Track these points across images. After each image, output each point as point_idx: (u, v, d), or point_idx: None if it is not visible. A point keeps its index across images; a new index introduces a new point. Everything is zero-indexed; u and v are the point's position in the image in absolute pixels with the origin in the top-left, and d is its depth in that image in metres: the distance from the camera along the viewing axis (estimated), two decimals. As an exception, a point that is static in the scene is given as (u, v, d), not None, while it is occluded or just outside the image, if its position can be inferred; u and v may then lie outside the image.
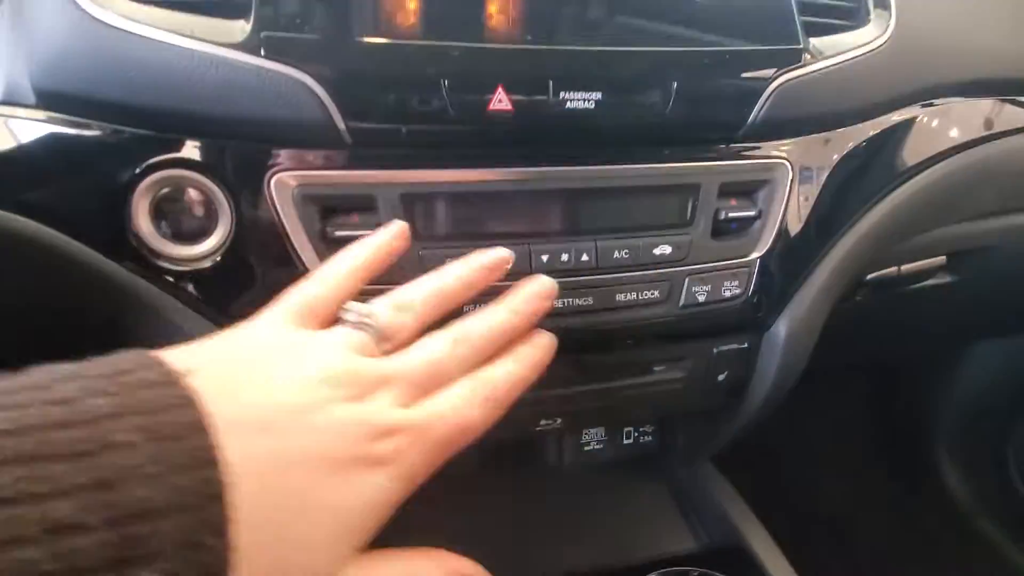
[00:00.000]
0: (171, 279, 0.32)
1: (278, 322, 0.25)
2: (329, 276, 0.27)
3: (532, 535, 0.53)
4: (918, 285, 0.65)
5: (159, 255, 0.32)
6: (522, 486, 0.57)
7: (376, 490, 0.22)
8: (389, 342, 0.25)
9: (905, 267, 0.60)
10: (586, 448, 0.55)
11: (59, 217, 0.31)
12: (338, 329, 0.25)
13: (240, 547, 0.16)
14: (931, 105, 0.48)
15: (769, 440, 0.56)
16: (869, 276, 0.58)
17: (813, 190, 0.42)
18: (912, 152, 0.47)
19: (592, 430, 0.55)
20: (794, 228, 0.42)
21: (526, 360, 0.28)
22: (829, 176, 0.43)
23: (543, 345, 0.29)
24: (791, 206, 0.41)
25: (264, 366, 0.22)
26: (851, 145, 0.43)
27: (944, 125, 0.49)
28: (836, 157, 0.43)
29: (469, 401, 0.25)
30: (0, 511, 0.13)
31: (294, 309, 0.25)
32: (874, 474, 1.16)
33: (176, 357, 0.19)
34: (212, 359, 0.21)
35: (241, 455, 0.17)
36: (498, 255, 0.30)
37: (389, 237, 0.30)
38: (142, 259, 0.32)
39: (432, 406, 0.24)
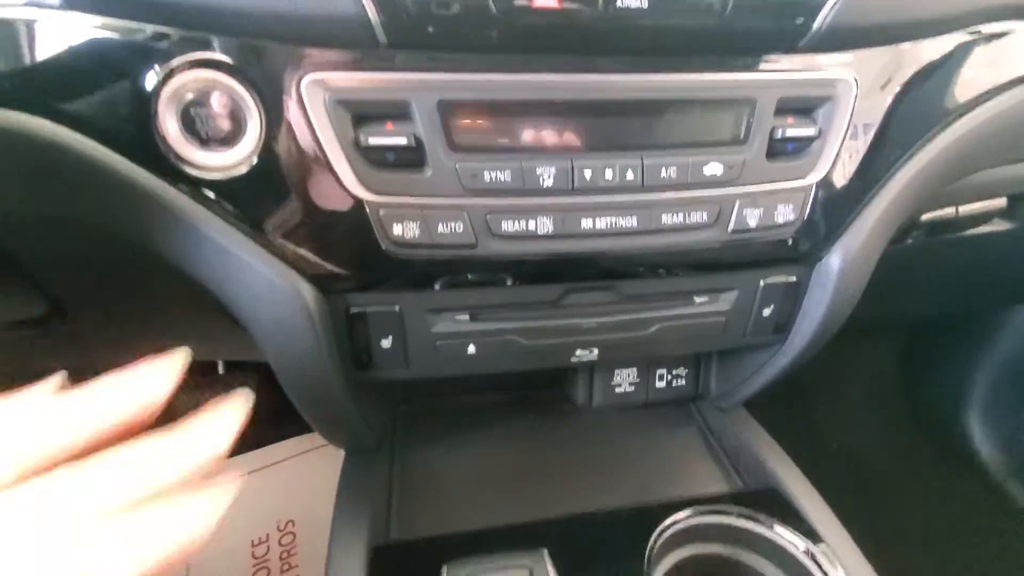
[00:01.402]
0: (201, 188, 0.31)
1: None
2: None
3: (562, 474, 0.52)
4: (974, 231, 0.61)
5: (187, 162, 0.31)
6: (553, 428, 0.57)
7: None
8: None
9: (963, 208, 0.56)
10: (618, 390, 0.54)
11: (88, 123, 0.30)
12: None
13: None
14: (1010, 22, 0.43)
15: (799, 400, 0.55)
16: (925, 216, 0.55)
17: (877, 110, 0.39)
18: (986, 74, 0.43)
19: (624, 371, 0.54)
20: (855, 151, 0.38)
21: None
22: (895, 96, 0.39)
23: None
24: (853, 127, 0.38)
25: None
26: (920, 63, 0.40)
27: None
28: (903, 75, 0.39)
29: None
30: None
31: None
32: (905, 439, 1.14)
33: None
34: None
35: None
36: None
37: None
38: (171, 166, 0.31)
39: None
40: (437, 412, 0.58)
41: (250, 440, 0.90)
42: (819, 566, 0.42)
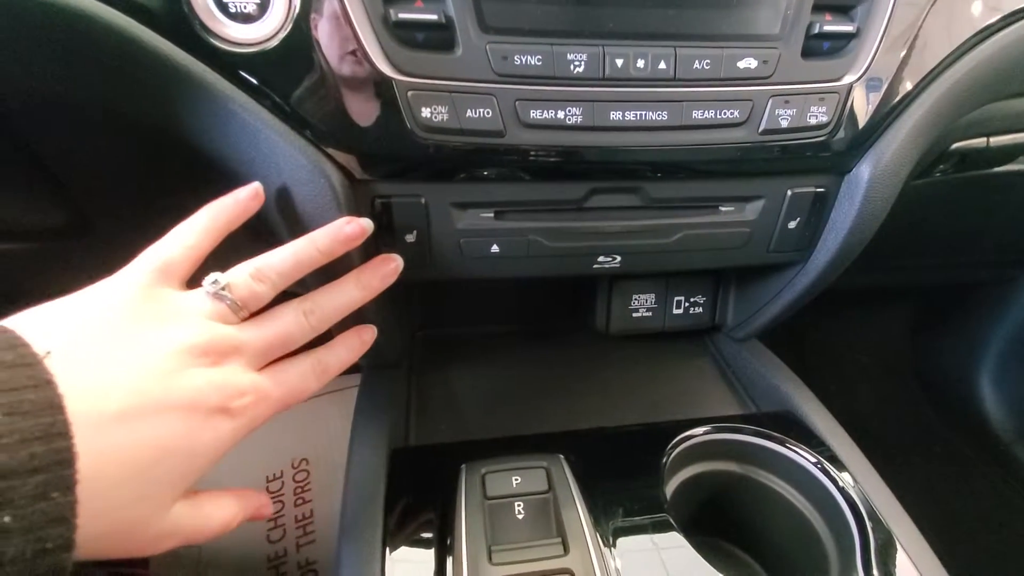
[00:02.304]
0: (229, 63, 0.31)
1: (139, 284, 0.27)
2: (185, 237, 0.30)
3: (577, 394, 0.53)
4: (1005, 168, 0.60)
5: (215, 35, 0.30)
6: (569, 354, 0.57)
7: (224, 435, 0.27)
8: (245, 310, 0.29)
9: (995, 140, 0.55)
10: (635, 315, 0.54)
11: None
12: (198, 295, 0.29)
13: (83, 500, 0.20)
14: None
15: (804, 364, 0.54)
16: (955, 145, 0.53)
17: (917, 12, 0.37)
18: (1032, -15, 0.41)
19: (642, 296, 0.54)
20: (892, 54, 0.37)
21: (354, 350, 0.35)
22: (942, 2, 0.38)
23: (366, 340, 0.36)
24: (892, 27, 0.37)
25: (128, 333, 0.25)
26: (966, -36, 0.38)
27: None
28: (947, -21, 0.38)
29: (307, 376, 0.31)
30: None
31: (153, 269, 0.28)
32: (912, 404, 1.14)
33: (39, 333, 0.22)
34: (71, 333, 0.24)
35: (93, 422, 0.22)
36: (359, 227, 0.33)
37: (244, 197, 0.32)
38: (199, 40, 0.30)
39: (278, 376, 0.30)
40: (454, 339, 0.59)
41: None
42: (832, 480, 0.42)
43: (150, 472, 0.24)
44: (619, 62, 0.33)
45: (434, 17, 0.31)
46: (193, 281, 0.30)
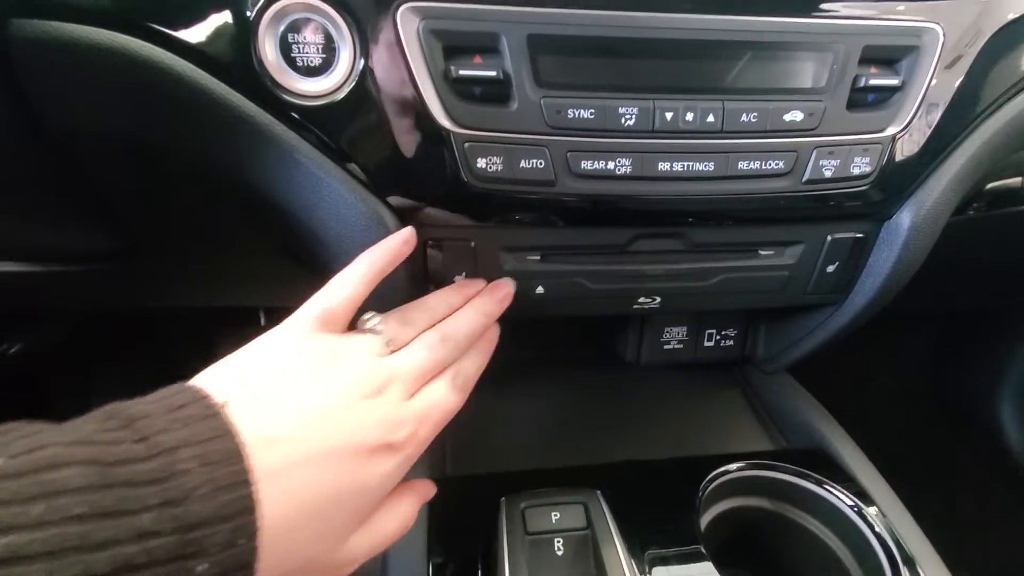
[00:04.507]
0: (295, 114, 0.32)
1: (302, 332, 0.29)
2: (346, 286, 0.31)
3: (609, 425, 0.53)
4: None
5: (283, 88, 0.32)
6: (600, 382, 0.58)
7: (392, 469, 0.28)
8: (394, 344, 0.31)
9: (1030, 179, 0.55)
10: (666, 347, 0.55)
11: (189, 47, 0.31)
12: (355, 335, 0.31)
13: (264, 544, 0.22)
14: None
15: (827, 382, 0.55)
16: (989, 185, 0.54)
17: (962, 63, 0.38)
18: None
19: (674, 329, 0.55)
20: (937, 104, 0.38)
21: (485, 353, 0.36)
22: (980, 48, 0.38)
23: (493, 339, 0.37)
24: (937, 79, 0.37)
25: (294, 379, 0.26)
26: (1007, 15, 0.39)
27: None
28: (989, 26, 0.38)
29: (452, 390, 0.32)
30: (104, 522, 0.18)
31: (316, 318, 0.30)
32: (933, 428, 1.13)
33: (216, 387, 0.24)
34: (245, 385, 0.25)
35: (272, 470, 0.22)
36: (491, 289, 0.37)
37: (397, 244, 0.33)
38: (267, 92, 0.32)
39: (429, 396, 0.30)
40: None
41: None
42: (866, 521, 0.42)
43: (325, 514, 0.25)
44: (668, 115, 0.34)
45: (493, 73, 0.32)
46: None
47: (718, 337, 0.55)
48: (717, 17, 0.33)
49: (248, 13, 0.31)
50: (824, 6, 0.35)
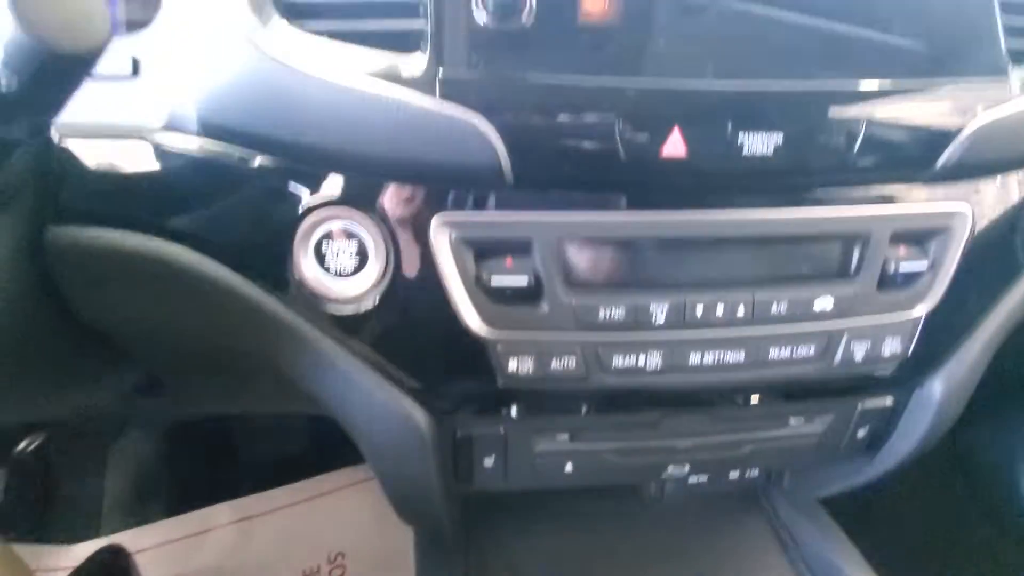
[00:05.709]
0: (329, 320, 0.32)
1: None
2: None
3: (630, 559, 0.52)
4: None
5: (318, 295, 0.32)
6: (621, 514, 0.56)
7: None
8: None
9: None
10: (690, 481, 0.54)
11: (225, 252, 0.31)
12: None
13: None
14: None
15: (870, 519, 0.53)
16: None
17: (990, 240, 0.38)
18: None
19: (698, 465, 0.54)
20: (965, 282, 0.38)
21: None
22: (1006, 223, 0.38)
23: None
24: (965, 258, 0.37)
25: None
26: (1030, 188, 0.39)
27: None
28: (1013, 202, 0.39)
29: None
30: None
31: None
32: (951, 496, 1.09)
33: None
34: None
35: None
36: None
37: None
38: (302, 299, 0.32)
39: None
40: (506, 496, 0.59)
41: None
42: None
43: None
44: (699, 310, 0.34)
45: (524, 279, 0.32)
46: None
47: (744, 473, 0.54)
48: (748, 212, 0.33)
49: (284, 224, 0.31)
50: (853, 195, 0.35)
